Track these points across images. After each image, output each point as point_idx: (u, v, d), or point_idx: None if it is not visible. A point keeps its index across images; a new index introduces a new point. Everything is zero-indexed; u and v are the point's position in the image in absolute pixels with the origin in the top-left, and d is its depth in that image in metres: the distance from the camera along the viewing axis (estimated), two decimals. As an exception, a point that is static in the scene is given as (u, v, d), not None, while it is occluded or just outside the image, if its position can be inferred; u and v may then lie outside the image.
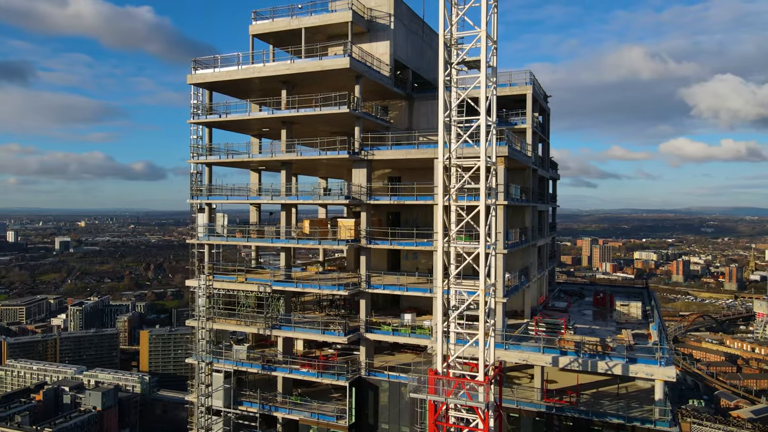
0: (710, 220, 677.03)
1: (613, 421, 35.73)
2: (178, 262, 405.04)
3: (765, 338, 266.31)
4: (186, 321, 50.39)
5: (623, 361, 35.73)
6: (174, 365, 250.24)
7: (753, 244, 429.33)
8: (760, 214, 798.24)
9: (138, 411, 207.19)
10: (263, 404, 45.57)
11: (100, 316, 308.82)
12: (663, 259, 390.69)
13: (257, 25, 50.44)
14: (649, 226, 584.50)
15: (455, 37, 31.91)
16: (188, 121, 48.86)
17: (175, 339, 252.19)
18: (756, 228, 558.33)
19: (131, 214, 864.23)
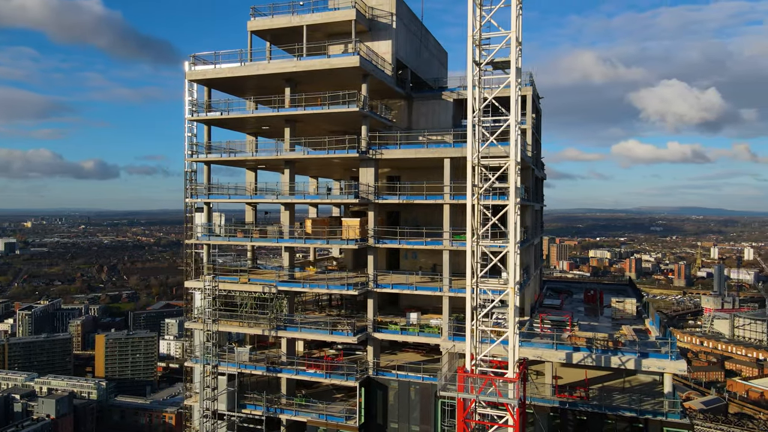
0: (659, 219, 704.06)
1: (626, 415, 36.75)
2: (133, 264, 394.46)
3: (712, 332, 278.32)
4: (186, 324, 49.07)
5: (635, 356, 36.82)
6: (132, 370, 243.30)
7: (699, 242, 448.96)
8: (704, 213, 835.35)
9: (95, 418, 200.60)
10: (268, 407, 44.84)
11: (51, 321, 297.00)
12: (616, 257, 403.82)
13: (256, 21, 49.57)
14: (602, 226, 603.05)
15: (479, 38, 32.21)
16: (188, 118, 47.63)
17: (133, 343, 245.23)
18: (701, 227, 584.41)
19: (81, 214, 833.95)
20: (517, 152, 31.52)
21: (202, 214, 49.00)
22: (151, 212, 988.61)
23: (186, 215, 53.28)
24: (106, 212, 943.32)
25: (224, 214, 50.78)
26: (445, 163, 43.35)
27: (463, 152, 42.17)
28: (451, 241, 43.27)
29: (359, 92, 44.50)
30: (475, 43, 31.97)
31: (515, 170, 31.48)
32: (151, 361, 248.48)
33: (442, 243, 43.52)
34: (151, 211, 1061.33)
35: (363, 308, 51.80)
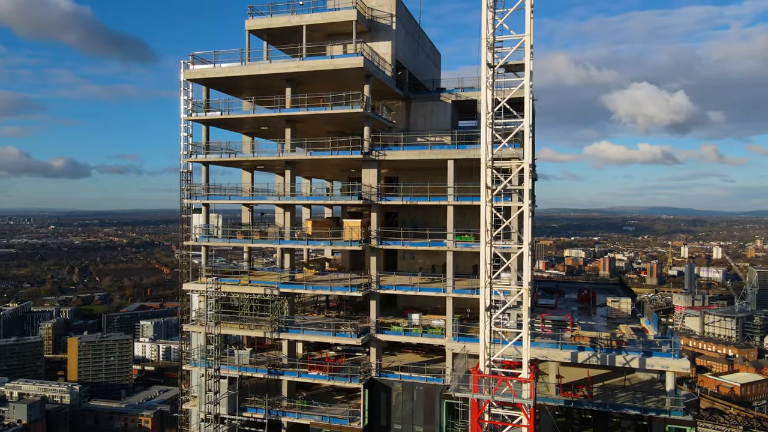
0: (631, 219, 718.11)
1: (630, 413, 37.39)
2: (105, 265, 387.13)
3: (684, 329, 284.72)
4: (184, 326, 48.34)
5: (639, 355, 37.49)
6: (106, 373, 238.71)
7: (669, 241, 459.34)
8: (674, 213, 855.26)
9: (68, 423, 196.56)
10: (270, 410, 44.46)
11: (21, 324, 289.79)
12: (590, 256, 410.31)
13: (254, 21, 49.11)
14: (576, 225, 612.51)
15: (493, 41, 32.44)
16: (187, 118, 46.96)
17: (107, 346, 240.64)
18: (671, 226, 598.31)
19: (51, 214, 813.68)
20: (530, 154, 31.83)
21: (200, 216, 48.34)
22: (123, 212, 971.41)
23: (181, 216, 52.58)
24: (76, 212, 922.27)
25: (221, 216, 50.15)
26: (448, 164, 43.55)
27: (467, 154, 42.72)
28: (455, 242, 43.41)
29: (362, 93, 44.37)
30: (488, 46, 32.18)
31: (528, 172, 31.78)
32: (126, 364, 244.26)
33: (445, 244, 43.64)
34: (124, 211, 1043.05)
35: (362, 309, 51.75)
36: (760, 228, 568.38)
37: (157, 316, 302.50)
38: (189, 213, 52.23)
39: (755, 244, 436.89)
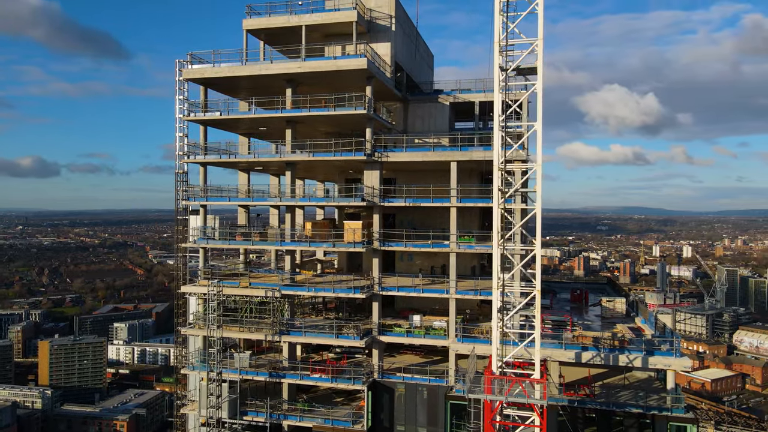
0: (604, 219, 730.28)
1: (633, 411, 38.04)
2: (76, 266, 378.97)
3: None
4: (182, 330, 47.60)
5: (642, 354, 38.18)
6: (79, 377, 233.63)
7: (641, 240, 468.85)
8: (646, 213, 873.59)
9: (40, 428, 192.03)
10: (272, 413, 44.07)
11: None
12: (565, 255, 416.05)
13: (252, 20, 48.64)
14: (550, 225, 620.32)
15: (506, 45, 32.65)
16: (185, 118, 46.26)
17: (80, 349, 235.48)
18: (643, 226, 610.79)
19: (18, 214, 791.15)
20: (541, 156, 32.18)
21: (198, 217, 47.65)
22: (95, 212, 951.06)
23: (177, 218, 51.83)
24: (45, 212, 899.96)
25: (218, 217, 49.52)
26: (451, 166, 43.71)
27: (470, 156, 43.00)
28: (458, 243, 43.61)
29: (364, 95, 44.27)
30: (500, 50, 32.39)
31: (541, 174, 32.13)
32: (100, 368, 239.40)
33: (448, 245, 43.81)
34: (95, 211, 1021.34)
35: (360, 310, 51.66)
36: (728, 227, 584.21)
37: (132, 318, 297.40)
38: (184, 214, 51.54)
39: (723, 243, 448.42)
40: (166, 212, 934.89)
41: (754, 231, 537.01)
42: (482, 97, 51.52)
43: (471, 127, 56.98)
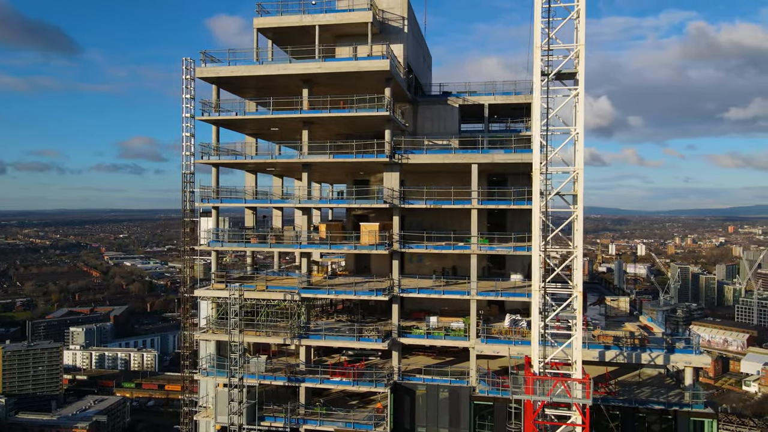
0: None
1: (656, 408, 39.16)
2: (27, 268, 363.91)
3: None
4: (196, 336, 46.28)
5: (663, 352, 39.39)
6: (34, 384, 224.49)
7: (598, 239, 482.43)
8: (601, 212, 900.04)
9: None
10: (291, 417, 43.42)
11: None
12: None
13: (264, 19, 47.88)
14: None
15: (548, 50, 33.12)
16: (199, 118, 45.08)
17: (35, 355, 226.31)
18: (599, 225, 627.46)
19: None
20: (582, 161, 32.74)
21: (209, 219, 46.49)
22: (44, 212, 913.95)
23: (184, 219, 50.54)
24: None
25: (227, 219, 48.43)
26: (472, 168, 43.98)
27: (492, 158, 43.43)
28: (479, 245, 43.97)
29: (384, 96, 44.13)
30: (540, 55, 32.82)
31: (582, 177, 32.68)
32: (56, 374, 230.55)
33: (470, 248, 44.10)
34: (45, 211, 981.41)
35: (372, 312, 51.49)
36: (678, 226, 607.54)
37: (88, 322, 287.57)
38: (191, 216, 50.30)
39: (674, 241, 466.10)
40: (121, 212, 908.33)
41: (702, 230, 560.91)
42: (491, 99, 52.12)
43: (479, 129, 57.56)
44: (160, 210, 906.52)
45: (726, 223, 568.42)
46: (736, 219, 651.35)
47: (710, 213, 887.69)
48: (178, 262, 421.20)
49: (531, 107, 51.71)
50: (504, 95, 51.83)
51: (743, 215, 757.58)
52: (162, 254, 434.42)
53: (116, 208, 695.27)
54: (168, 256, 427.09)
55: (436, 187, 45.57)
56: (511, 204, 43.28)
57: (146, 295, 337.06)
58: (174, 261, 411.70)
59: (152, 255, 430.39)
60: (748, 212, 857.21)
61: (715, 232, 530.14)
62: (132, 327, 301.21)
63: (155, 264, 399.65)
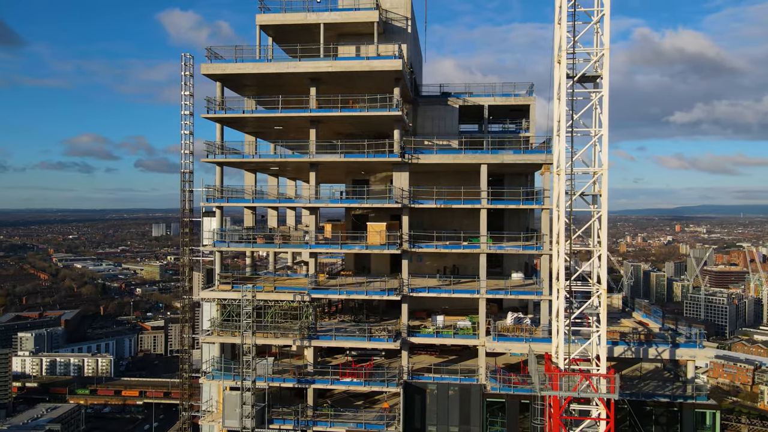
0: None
1: (662, 401, 40.55)
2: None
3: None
4: (200, 339, 45.03)
5: (669, 347, 40.81)
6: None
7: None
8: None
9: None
10: (302, 420, 42.89)
11: None
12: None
13: (267, 16, 47.16)
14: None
15: (574, 53, 33.83)
16: (204, 116, 43.97)
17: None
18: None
19: None
20: (607, 162, 33.56)
21: (213, 219, 45.44)
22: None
23: (182, 219, 49.25)
24: None
25: (228, 219, 47.50)
26: (482, 169, 44.45)
27: (501, 159, 44.03)
28: (488, 245, 44.50)
29: (394, 96, 44.15)
30: (566, 58, 33.47)
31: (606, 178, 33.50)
32: (4, 382, 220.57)
33: (479, 246, 44.55)
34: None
35: (374, 312, 51.38)
36: (629, 225, 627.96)
37: (38, 326, 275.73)
38: (190, 216, 49.07)
39: (626, 240, 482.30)
40: (69, 212, 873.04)
41: (651, 229, 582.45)
42: (491, 101, 52.82)
43: (474, 130, 58.28)
44: (111, 210, 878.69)
45: (673, 222, 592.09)
46: (683, 218, 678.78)
47: (658, 213, 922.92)
48: (132, 263, 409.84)
49: (530, 109, 53.28)
50: (504, 97, 52.59)
51: (689, 215, 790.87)
52: (115, 255, 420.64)
53: (64, 208, 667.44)
54: (122, 257, 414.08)
55: (438, 187, 45.89)
56: (519, 204, 43.96)
57: (99, 298, 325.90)
58: (128, 262, 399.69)
59: (104, 256, 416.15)
60: (693, 212, 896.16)
61: (663, 231, 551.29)
62: (85, 331, 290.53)
63: (108, 266, 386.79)
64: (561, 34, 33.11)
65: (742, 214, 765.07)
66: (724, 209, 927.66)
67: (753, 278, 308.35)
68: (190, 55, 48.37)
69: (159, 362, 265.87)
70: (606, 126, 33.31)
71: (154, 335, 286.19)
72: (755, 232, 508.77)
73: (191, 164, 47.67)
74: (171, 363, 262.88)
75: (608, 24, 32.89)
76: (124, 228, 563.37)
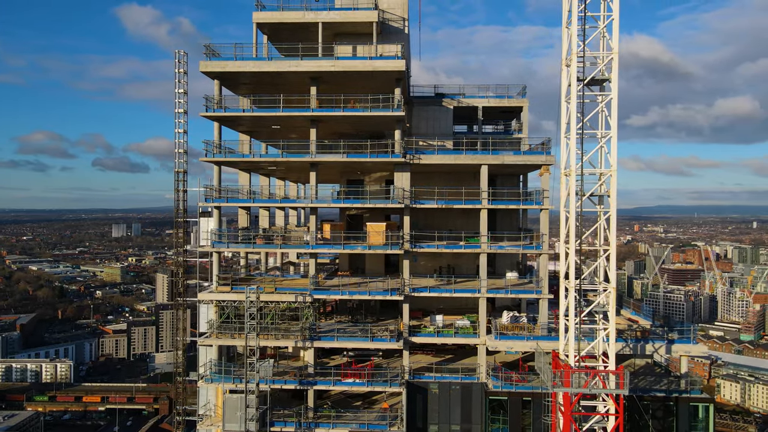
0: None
1: (659, 395, 41.73)
2: None
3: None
4: (199, 342, 44.09)
5: (664, 343, 42.07)
6: None
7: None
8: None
9: None
10: (302, 422, 42.52)
11: None
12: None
13: (264, 14, 46.70)
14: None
15: (571, 57, 34.51)
16: (202, 114, 43.12)
17: None
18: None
19: None
20: (616, 162, 34.36)
21: (210, 219, 44.60)
22: None
23: (176, 219, 48.23)
24: None
25: (224, 219, 46.70)
26: (482, 169, 44.90)
27: (502, 159, 44.61)
28: (489, 245, 45.00)
29: (394, 96, 44.23)
30: (576, 62, 34.13)
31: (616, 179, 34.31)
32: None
33: (479, 246, 45.00)
34: None
35: (372, 312, 51.31)
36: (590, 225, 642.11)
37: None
38: (184, 216, 48.09)
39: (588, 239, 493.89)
40: (23, 212, 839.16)
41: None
42: (485, 102, 53.42)
43: (464, 131, 58.78)
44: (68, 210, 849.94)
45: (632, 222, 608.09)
46: (641, 218, 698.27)
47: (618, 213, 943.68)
48: (91, 265, 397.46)
49: (523, 110, 54.10)
50: (497, 98, 53.24)
51: (646, 215, 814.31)
52: (73, 257, 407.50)
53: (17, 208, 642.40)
54: (80, 259, 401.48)
55: (433, 187, 46.17)
56: (519, 204, 44.65)
57: (57, 302, 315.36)
58: (87, 264, 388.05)
59: (62, 258, 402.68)
60: (651, 212, 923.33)
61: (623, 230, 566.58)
62: (42, 336, 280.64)
63: (66, 268, 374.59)
64: (573, 38, 33.77)
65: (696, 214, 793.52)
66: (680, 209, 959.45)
67: (708, 276, 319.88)
68: (184, 52, 47.17)
69: (121, 367, 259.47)
70: (615, 128, 34.12)
71: (116, 339, 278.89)
72: (709, 231, 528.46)
73: (185, 163, 46.59)
74: (134, 367, 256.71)
75: (617, 28, 33.72)
76: (82, 229, 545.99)
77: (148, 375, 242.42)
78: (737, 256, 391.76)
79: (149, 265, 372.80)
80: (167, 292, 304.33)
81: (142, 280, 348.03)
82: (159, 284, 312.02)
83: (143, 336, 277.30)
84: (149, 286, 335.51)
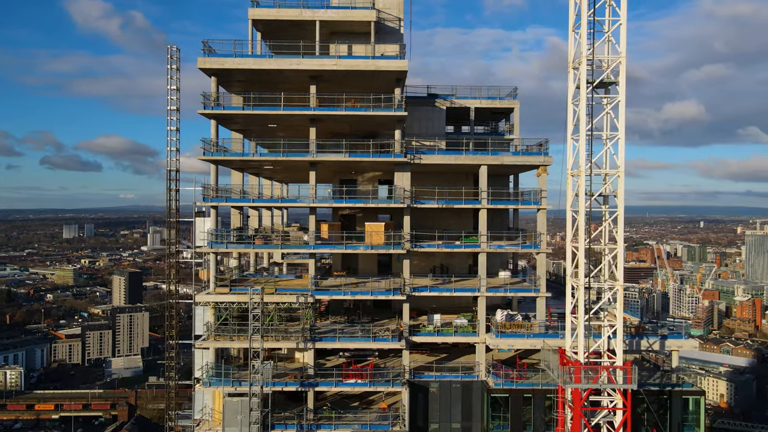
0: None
1: (653, 389, 43.00)
2: None
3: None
4: (196, 344, 42.91)
5: (658, 338, 43.42)
6: None
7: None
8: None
9: None
10: (303, 423, 42.03)
11: None
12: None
13: (260, 10, 46.10)
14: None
15: (579, 60, 35.26)
16: (200, 112, 42.05)
17: None
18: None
19: None
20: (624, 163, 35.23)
21: (206, 219, 43.56)
22: None
23: (169, 219, 46.96)
24: None
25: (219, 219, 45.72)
26: (481, 170, 45.34)
27: (501, 160, 45.21)
28: (489, 244, 45.48)
29: (395, 96, 44.24)
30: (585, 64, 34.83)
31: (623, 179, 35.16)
32: None
33: (479, 246, 45.42)
34: None
35: (367, 312, 51.14)
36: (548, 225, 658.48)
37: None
38: (177, 216, 46.89)
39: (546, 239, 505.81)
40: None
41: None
42: (477, 103, 54.00)
43: (454, 132, 59.26)
44: (15, 210, 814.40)
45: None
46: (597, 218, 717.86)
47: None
48: (41, 267, 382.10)
49: (514, 111, 54.94)
50: (489, 99, 53.89)
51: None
52: (21, 259, 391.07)
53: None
54: (29, 261, 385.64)
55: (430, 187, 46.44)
56: (518, 204, 45.34)
57: (4, 306, 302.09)
58: (36, 266, 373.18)
59: (8, 260, 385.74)
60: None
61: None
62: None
63: (13, 270, 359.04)
64: (582, 41, 34.48)
65: (648, 214, 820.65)
66: (632, 209, 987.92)
67: (660, 273, 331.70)
68: (177, 48, 45.97)
69: (76, 372, 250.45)
70: (623, 129, 35.02)
71: (69, 344, 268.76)
72: (660, 231, 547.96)
73: (177, 162, 45.32)
74: (90, 373, 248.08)
75: (624, 32, 34.60)
76: (30, 229, 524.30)
77: (105, 381, 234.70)
78: (686, 255, 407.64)
79: (104, 267, 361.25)
80: (125, 295, 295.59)
81: (96, 283, 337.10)
82: (116, 286, 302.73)
83: (99, 340, 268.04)
84: (104, 288, 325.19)
